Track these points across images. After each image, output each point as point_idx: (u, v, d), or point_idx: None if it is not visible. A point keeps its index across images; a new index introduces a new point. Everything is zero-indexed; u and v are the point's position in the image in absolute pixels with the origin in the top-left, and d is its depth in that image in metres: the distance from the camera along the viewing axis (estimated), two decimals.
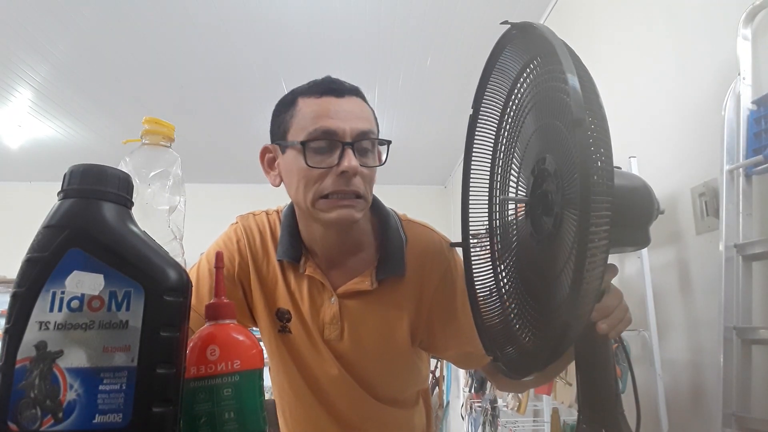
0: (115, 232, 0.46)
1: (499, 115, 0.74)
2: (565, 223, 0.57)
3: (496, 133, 0.75)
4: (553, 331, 0.56)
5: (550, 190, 0.61)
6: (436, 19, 2.59)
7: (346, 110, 0.83)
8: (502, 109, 0.73)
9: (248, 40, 2.80)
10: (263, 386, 0.54)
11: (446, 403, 3.86)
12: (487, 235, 0.77)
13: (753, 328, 1.10)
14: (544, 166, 0.63)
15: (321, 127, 0.81)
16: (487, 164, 0.77)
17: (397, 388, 0.99)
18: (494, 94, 0.73)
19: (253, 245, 0.96)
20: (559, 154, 0.59)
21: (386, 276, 0.91)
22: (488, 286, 0.75)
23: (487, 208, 0.77)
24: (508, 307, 0.71)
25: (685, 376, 1.39)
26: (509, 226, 0.74)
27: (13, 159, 4.53)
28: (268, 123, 0.92)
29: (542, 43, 0.57)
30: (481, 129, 0.76)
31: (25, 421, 0.41)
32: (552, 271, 0.59)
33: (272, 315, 0.94)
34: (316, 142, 0.81)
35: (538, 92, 0.64)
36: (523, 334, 0.65)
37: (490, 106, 0.74)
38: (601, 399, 0.64)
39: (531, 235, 0.66)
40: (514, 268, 0.72)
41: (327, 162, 0.81)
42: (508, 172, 0.74)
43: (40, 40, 2.75)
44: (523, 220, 0.69)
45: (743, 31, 1.17)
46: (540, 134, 0.65)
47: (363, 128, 0.83)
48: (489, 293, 0.75)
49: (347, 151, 0.81)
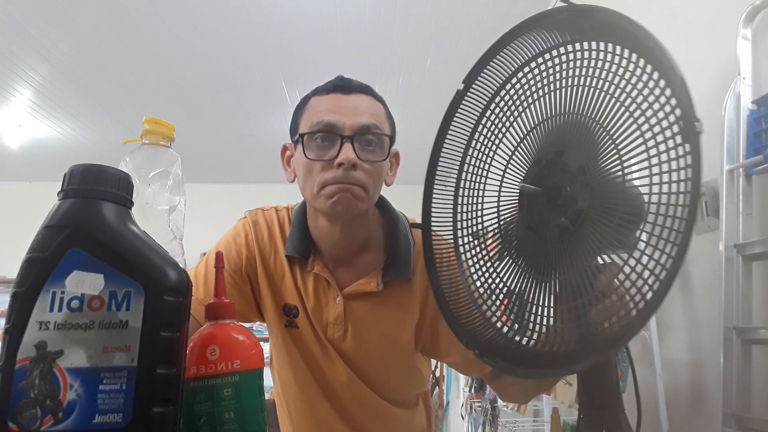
0: (115, 232, 0.46)
1: (492, 94, 0.71)
2: (589, 224, 0.56)
3: (480, 115, 0.72)
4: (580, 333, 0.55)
5: (565, 185, 0.60)
6: (436, 19, 2.59)
7: (351, 105, 0.86)
8: (498, 88, 0.70)
9: (248, 40, 2.80)
10: (263, 386, 0.54)
11: (446, 403, 3.86)
12: (469, 232, 0.75)
13: (753, 328, 1.10)
14: (560, 160, 0.62)
15: (322, 120, 0.84)
16: (461, 148, 0.75)
17: (398, 390, 0.99)
18: (495, 72, 0.70)
19: (261, 240, 0.96)
20: (587, 154, 0.58)
21: (392, 278, 0.91)
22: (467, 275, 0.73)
23: (453, 193, 0.75)
24: (484, 293, 0.69)
25: (685, 376, 1.39)
26: (478, 210, 0.72)
27: (13, 159, 4.54)
28: (268, 123, 0.93)
29: (611, 30, 0.54)
30: (466, 107, 0.73)
31: (25, 421, 0.41)
32: (567, 268, 0.58)
33: (279, 310, 0.95)
34: (316, 135, 0.84)
35: (571, 81, 0.61)
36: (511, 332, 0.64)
37: (483, 83, 0.71)
38: (601, 398, 0.64)
39: (528, 227, 0.65)
40: (508, 260, 0.69)
41: (328, 155, 0.84)
42: (489, 155, 0.72)
43: (40, 40, 2.75)
44: (514, 212, 0.68)
45: (743, 31, 1.17)
46: (556, 126, 0.63)
47: (365, 123, 0.85)
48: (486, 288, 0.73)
49: (345, 144, 0.83)
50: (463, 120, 0.74)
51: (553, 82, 0.64)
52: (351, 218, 0.87)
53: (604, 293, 0.54)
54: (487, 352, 0.65)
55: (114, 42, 2.79)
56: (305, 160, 0.85)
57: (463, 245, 0.74)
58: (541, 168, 0.65)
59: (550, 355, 0.59)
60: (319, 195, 0.84)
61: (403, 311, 0.92)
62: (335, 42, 2.83)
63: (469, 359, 0.92)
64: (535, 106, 0.66)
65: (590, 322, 0.54)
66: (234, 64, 3.05)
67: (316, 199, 0.85)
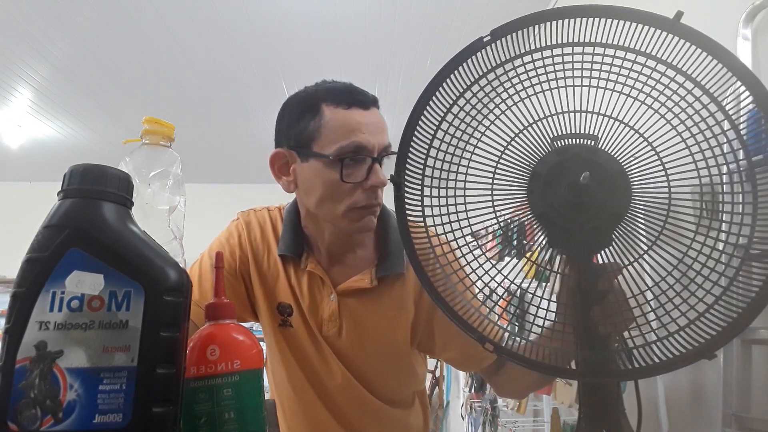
0: (115, 232, 0.46)
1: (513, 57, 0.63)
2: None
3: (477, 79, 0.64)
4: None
5: (595, 184, 0.61)
6: (436, 19, 2.59)
7: (373, 123, 0.86)
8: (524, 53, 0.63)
9: (248, 40, 2.80)
10: (263, 386, 0.54)
11: (446, 403, 3.86)
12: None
13: (753, 328, 1.10)
14: (595, 158, 0.62)
15: (354, 142, 0.83)
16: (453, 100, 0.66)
17: (393, 388, 0.99)
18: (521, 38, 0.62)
19: (254, 240, 0.97)
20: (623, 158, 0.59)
21: (386, 274, 0.92)
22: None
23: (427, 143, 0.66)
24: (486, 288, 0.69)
25: (685, 376, 1.39)
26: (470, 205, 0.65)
27: (13, 159, 4.54)
28: (268, 123, 0.92)
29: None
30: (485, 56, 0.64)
31: (25, 421, 0.41)
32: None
33: (273, 309, 0.95)
34: (349, 157, 0.83)
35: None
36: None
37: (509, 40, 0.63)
38: (602, 398, 0.64)
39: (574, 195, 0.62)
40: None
41: (356, 176, 0.84)
42: (486, 117, 0.66)
43: (40, 40, 2.75)
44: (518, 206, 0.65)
45: (743, 31, 1.17)
46: (587, 121, 0.63)
47: (386, 143, 0.87)
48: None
49: (376, 167, 0.84)
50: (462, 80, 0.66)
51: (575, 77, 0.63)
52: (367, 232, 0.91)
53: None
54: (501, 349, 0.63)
55: (114, 42, 2.78)
56: (333, 180, 0.83)
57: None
58: (565, 158, 0.63)
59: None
60: (345, 217, 0.85)
61: (398, 307, 0.93)
62: (335, 42, 2.83)
63: (467, 354, 0.92)
64: (553, 93, 0.64)
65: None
66: (234, 64, 3.05)
67: (339, 219, 0.86)
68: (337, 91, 0.86)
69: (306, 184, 0.88)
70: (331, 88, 0.87)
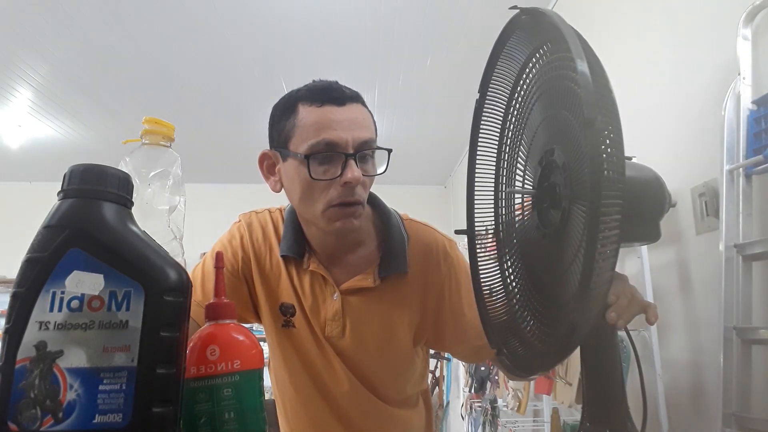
0: (115, 232, 0.46)
1: (506, 103, 0.72)
2: (573, 217, 0.56)
3: (503, 122, 0.73)
4: (560, 331, 0.56)
5: (558, 183, 0.60)
6: (436, 19, 2.59)
7: (348, 119, 0.83)
8: (509, 96, 0.71)
9: (248, 40, 2.80)
10: (263, 386, 0.54)
11: (446, 403, 3.86)
12: (491, 232, 0.76)
13: (753, 328, 1.10)
14: (552, 158, 0.62)
15: (324, 139, 0.81)
16: (494, 154, 0.75)
17: (396, 388, 0.99)
18: (501, 81, 0.71)
19: (256, 241, 0.97)
20: (567, 146, 0.58)
21: (389, 273, 0.92)
22: (494, 280, 0.74)
23: (492, 200, 0.76)
24: (514, 302, 0.70)
25: (685, 376, 1.39)
26: (514, 220, 0.73)
27: (13, 159, 4.53)
28: (267, 123, 0.91)
29: (551, 30, 0.56)
30: (488, 116, 0.74)
31: (25, 421, 0.41)
32: (559, 266, 0.58)
33: (275, 310, 0.95)
34: (319, 155, 0.81)
35: (546, 80, 0.62)
36: (529, 328, 0.65)
37: (496, 92, 0.72)
38: (606, 396, 0.64)
39: (537, 228, 0.65)
40: (521, 262, 0.71)
41: (330, 173, 0.82)
42: (514, 163, 0.72)
43: (40, 40, 2.75)
44: (530, 214, 0.69)
45: (743, 31, 1.17)
46: (548, 125, 0.64)
47: (364, 137, 0.83)
48: (494, 288, 0.74)
49: (350, 163, 0.81)
50: (488, 130, 0.75)
51: (545, 78, 0.64)
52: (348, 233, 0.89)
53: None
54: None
55: (114, 42, 2.78)
56: (306, 179, 0.82)
57: (505, 247, 0.75)
58: (543, 168, 0.65)
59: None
60: (323, 216, 0.84)
61: (401, 306, 0.93)
62: (335, 42, 2.82)
63: (477, 346, 0.92)
64: (536, 107, 0.66)
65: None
66: (234, 64, 3.05)
67: (318, 219, 0.85)
68: (314, 89, 0.85)
69: (288, 183, 0.88)
70: (310, 86, 0.86)
